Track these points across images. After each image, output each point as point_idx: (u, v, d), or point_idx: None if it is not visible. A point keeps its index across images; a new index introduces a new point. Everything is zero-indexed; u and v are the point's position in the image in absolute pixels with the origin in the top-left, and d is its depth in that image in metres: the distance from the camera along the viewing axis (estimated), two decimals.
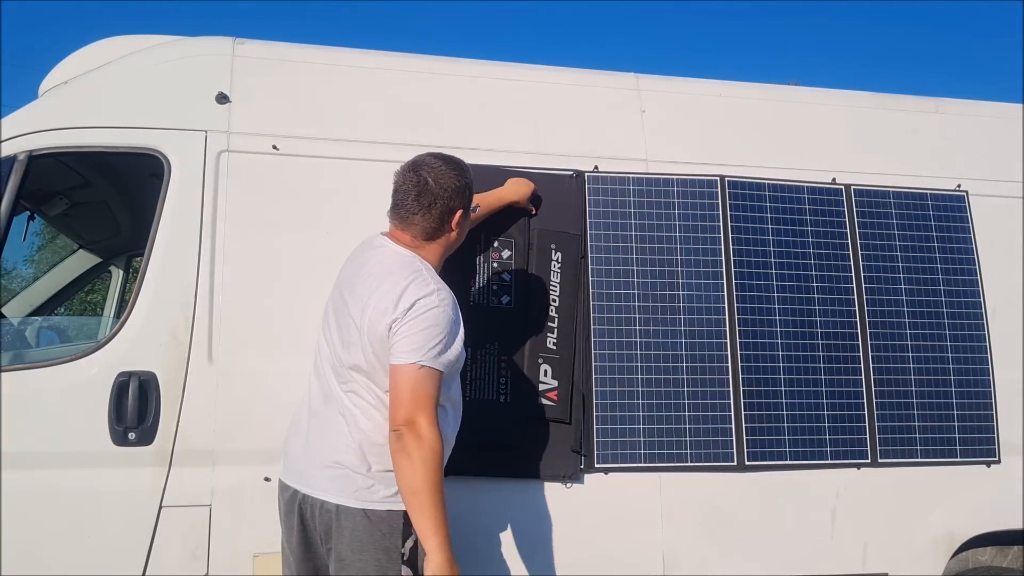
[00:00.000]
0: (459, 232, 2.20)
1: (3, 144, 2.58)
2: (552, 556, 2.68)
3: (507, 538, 2.64)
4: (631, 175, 2.94)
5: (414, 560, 2.03)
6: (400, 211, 2.13)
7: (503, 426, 2.63)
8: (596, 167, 2.93)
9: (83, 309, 8.24)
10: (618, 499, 2.75)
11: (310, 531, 2.11)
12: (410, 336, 1.94)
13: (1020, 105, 3.44)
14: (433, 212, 2.10)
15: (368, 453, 2.03)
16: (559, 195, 2.86)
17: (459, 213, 2.15)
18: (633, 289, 2.84)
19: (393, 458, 1.94)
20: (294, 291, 2.64)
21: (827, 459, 2.87)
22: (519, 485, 2.68)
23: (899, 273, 3.05)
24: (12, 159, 2.57)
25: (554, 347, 2.75)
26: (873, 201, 3.09)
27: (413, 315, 1.95)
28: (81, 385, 2.48)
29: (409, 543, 2.03)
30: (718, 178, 2.99)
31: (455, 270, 2.44)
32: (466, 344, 2.09)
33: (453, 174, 2.13)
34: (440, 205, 2.10)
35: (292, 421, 2.26)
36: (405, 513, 1.99)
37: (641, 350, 2.80)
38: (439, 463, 1.91)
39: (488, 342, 2.68)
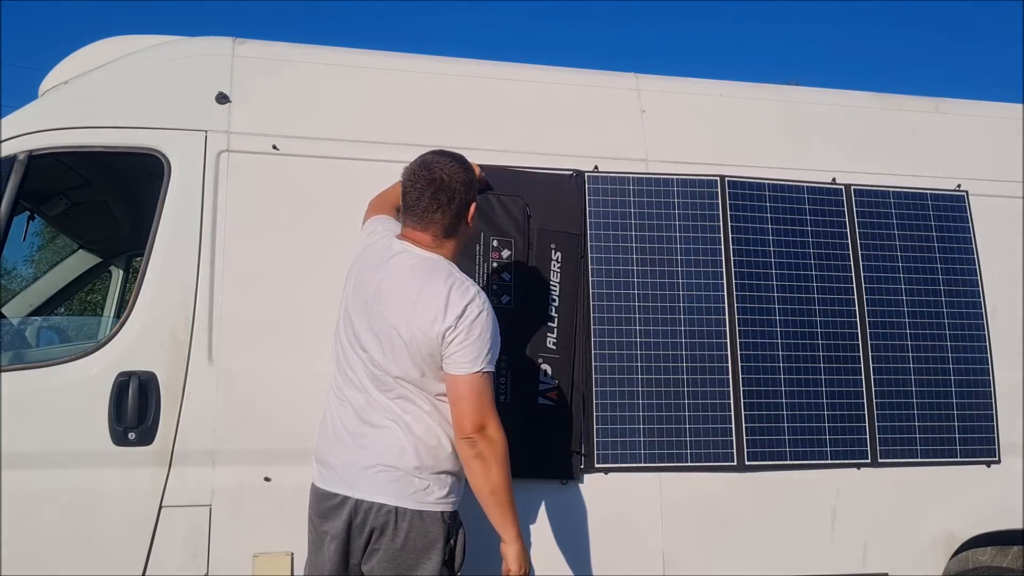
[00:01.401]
0: (472, 226, 2.24)
1: (3, 144, 2.58)
2: (552, 556, 2.68)
3: None
4: (631, 175, 2.94)
5: (452, 561, 2.10)
6: (417, 210, 2.12)
7: (503, 426, 2.62)
8: (596, 167, 2.93)
9: (83, 309, 8.22)
10: (618, 499, 2.75)
11: (353, 537, 2.08)
12: (467, 346, 2.00)
13: (1020, 105, 3.44)
14: (452, 208, 2.12)
15: (424, 456, 2.07)
16: (559, 195, 2.86)
17: (473, 206, 2.19)
18: (633, 289, 2.84)
19: (468, 464, 2.03)
20: (294, 291, 2.64)
21: (827, 459, 2.87)
22: (519, 485, 2.63)
23: (899, 273, 3.05)
24: (12, 159, 2.57)
25: (554, 347, 2.75)
26: (873, 201, 3.09)
27: (465, 323, 2.00)
28: (81, 385, 2.48)
29: (450, 544, 2.09)
30: (718, 178, 2.99)
31: None
32: None
33: (461, 168, 2.15)
34: (458, 200, 2.12)
35: (325, 432, 2.20)
36: (451, 514, 2.11)
37: (641, 350, 2.80)
38: (509, 461, 2.06)
39: None
